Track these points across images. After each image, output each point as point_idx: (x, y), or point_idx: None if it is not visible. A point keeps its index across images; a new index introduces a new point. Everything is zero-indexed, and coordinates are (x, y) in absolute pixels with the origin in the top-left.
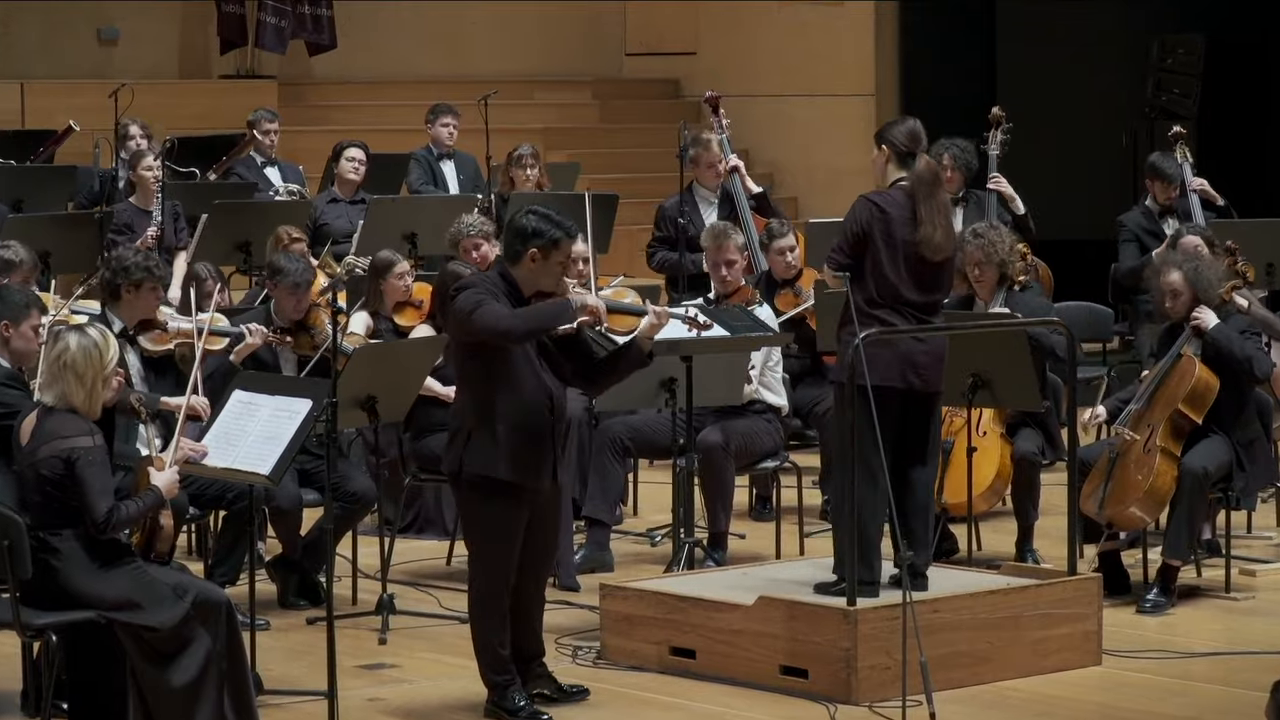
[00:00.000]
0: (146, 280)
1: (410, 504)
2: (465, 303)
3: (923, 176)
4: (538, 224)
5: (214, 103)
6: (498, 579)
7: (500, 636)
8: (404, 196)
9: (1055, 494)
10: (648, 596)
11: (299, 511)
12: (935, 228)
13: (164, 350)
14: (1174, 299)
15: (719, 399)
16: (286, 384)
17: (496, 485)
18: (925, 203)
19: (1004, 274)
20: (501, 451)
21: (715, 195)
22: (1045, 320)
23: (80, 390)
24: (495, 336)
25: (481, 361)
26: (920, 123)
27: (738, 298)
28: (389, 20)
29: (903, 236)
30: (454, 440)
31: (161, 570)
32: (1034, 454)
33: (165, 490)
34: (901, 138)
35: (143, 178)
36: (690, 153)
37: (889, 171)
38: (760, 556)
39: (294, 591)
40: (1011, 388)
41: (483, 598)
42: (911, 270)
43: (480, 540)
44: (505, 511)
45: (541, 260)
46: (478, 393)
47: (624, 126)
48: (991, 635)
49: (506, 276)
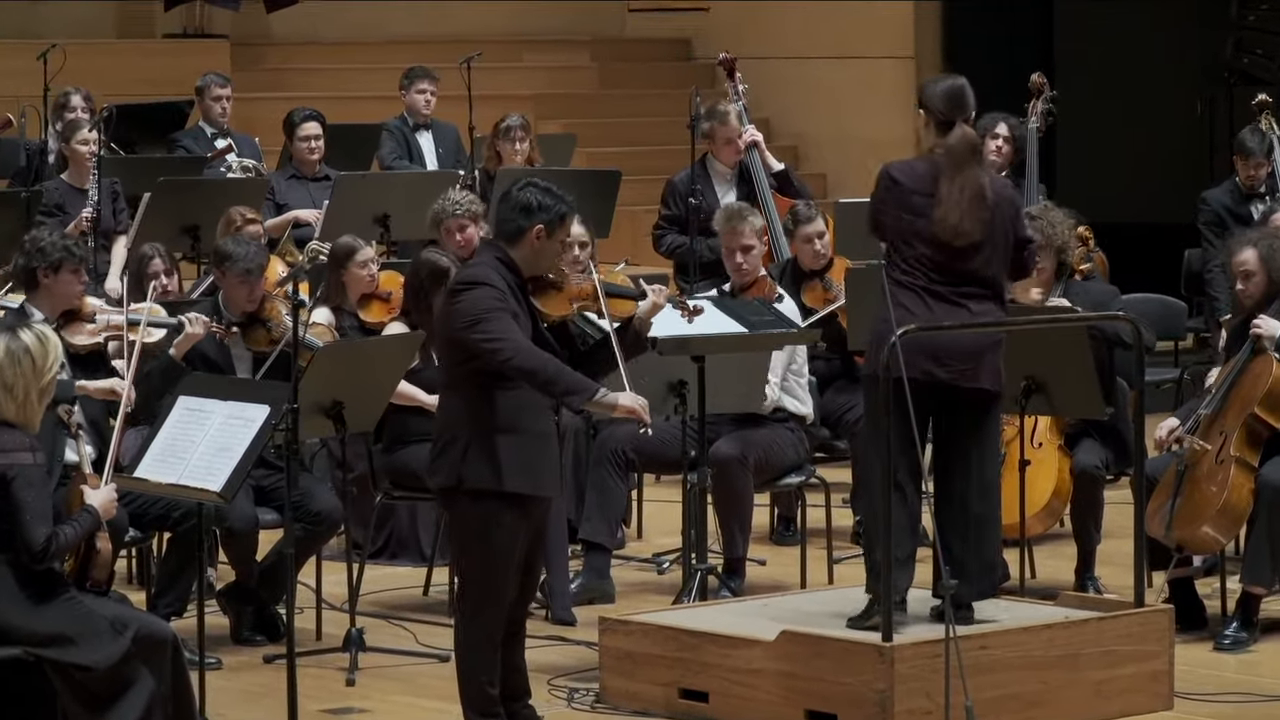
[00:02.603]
0: (66, 262)
1: (381, 526)
2: (471, 309)
3: (953, 149)
4: (542, 198)
5: (157, 65)
6: (497, 606)
7: (492, 674)
8: (375, 173)
9: (1120, 514)
10: (654, 631)
11: (255, 533)
12: (954, 209)
13: (92, 345)
14: (1246, 280)
15: (735, 405)
16: (240, 387)
17: (503, 499)
18: (949, 179)
19: (1062, 262)
20: (508, 460)
21: (732, 173)
22: (1107, 315)
23: (10, 403)
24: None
25: (478, 362)
26: (966, 84)
27: (756, 290)
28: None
29: (921, 213)
30: (446, 450)
31: (98, 601)
32: (1097, 468)
33: (102, 510)
34: (939, 102)
35: (77, 152)
36: (705, 126)
37: (926, 139)
38: (783, 585)
39: (249, 625)
40: (1070, 392)
41: (478, 628)
42: (936, 252)
43: (480, 562)
44: (511, 528)
45: (545, 239)
46: (473, 396)
47: (626, 93)
48: (1047, 675)
49: (505, 259)
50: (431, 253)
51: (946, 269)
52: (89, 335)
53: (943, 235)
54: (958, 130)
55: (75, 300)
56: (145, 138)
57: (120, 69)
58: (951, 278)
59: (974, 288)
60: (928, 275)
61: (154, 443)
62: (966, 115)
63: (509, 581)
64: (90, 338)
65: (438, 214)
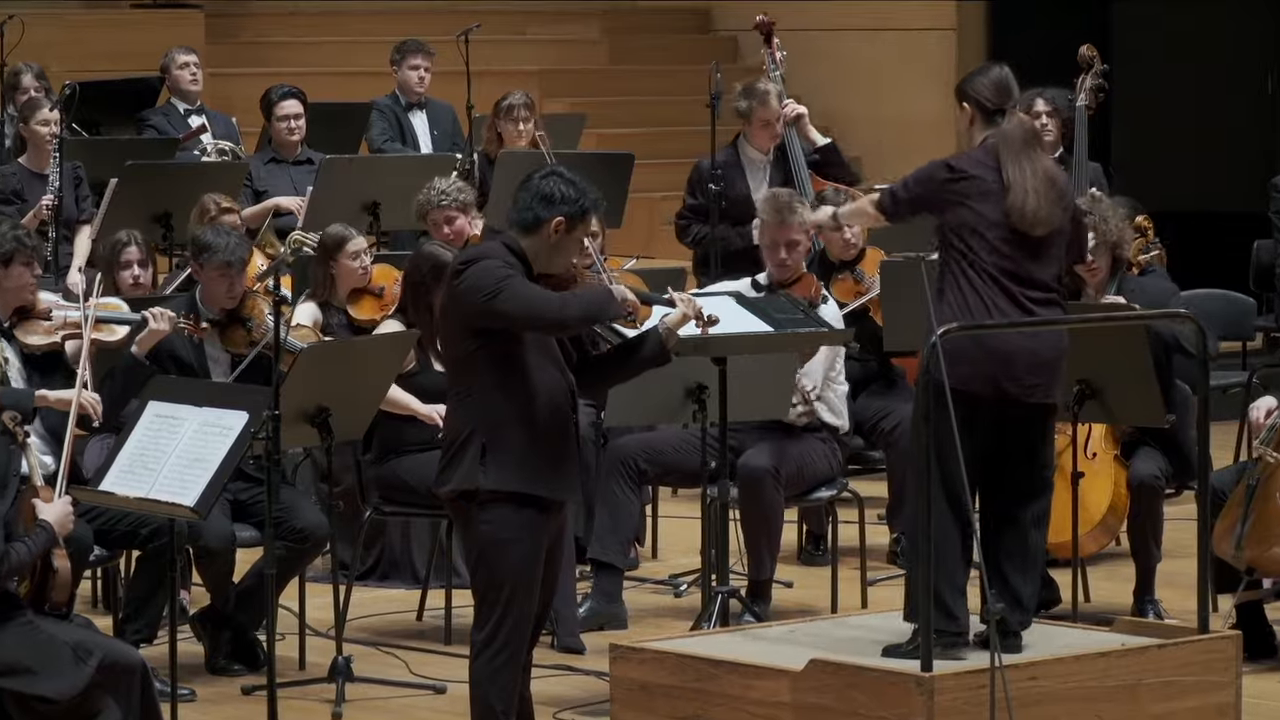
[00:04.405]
0: (17, 254)
1: (371, 544)
2: (483, 280)
3: (1010, 135)
4: (566, 189)
5: (124, 38)
6: (521, 625)
7: (510, 706)
8: (364, 156)
9: (1182, 531)
10: (670, 660)
11: (232, 553)
12: (1027, 192)
13: (48, 345)
14: None
15: (762, 411)
16: (216, 392)
17: (524, 503)
18: (1014, 162)
19: (1118, 256)
20: (528, 460)
21: (767, 159)
22: (1167, 313)
23: None
24: (543, 326)
25: (492, 356)
26: (1010, 71)
27: (799, 289)
28: None
29: (991, 205)
30: (459, 454)
31: (59, 626)
32: (1155, 478)
33: (57, 525)
34: (987, 92)
35: (36, 133)
36: (741, 105)
37: (974, 134)
38: (812, 610)
39: (226, 653)
40: (1128, 398)
41: (499, 651)
42: (1008, 246)
43: (501, 576)
44: (534, 535)
45: (564, 233)
46: (489, 394)
47: (640, 68)
48: (1103, 708)
49: (515, 249)
50: (434, 245)
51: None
52: (44, 334)
53: (1020, 224)
54: (1011, 118)
55: (28, 296)
56: (111, 117)
57: (84, 42)
58: (1019, 278)
59: (1038, 292)
60: (994, 275)
61: (121, 453)
62: (1015, 103)
63: (533, 597)
64: (46, 337)
65: (423, 205)
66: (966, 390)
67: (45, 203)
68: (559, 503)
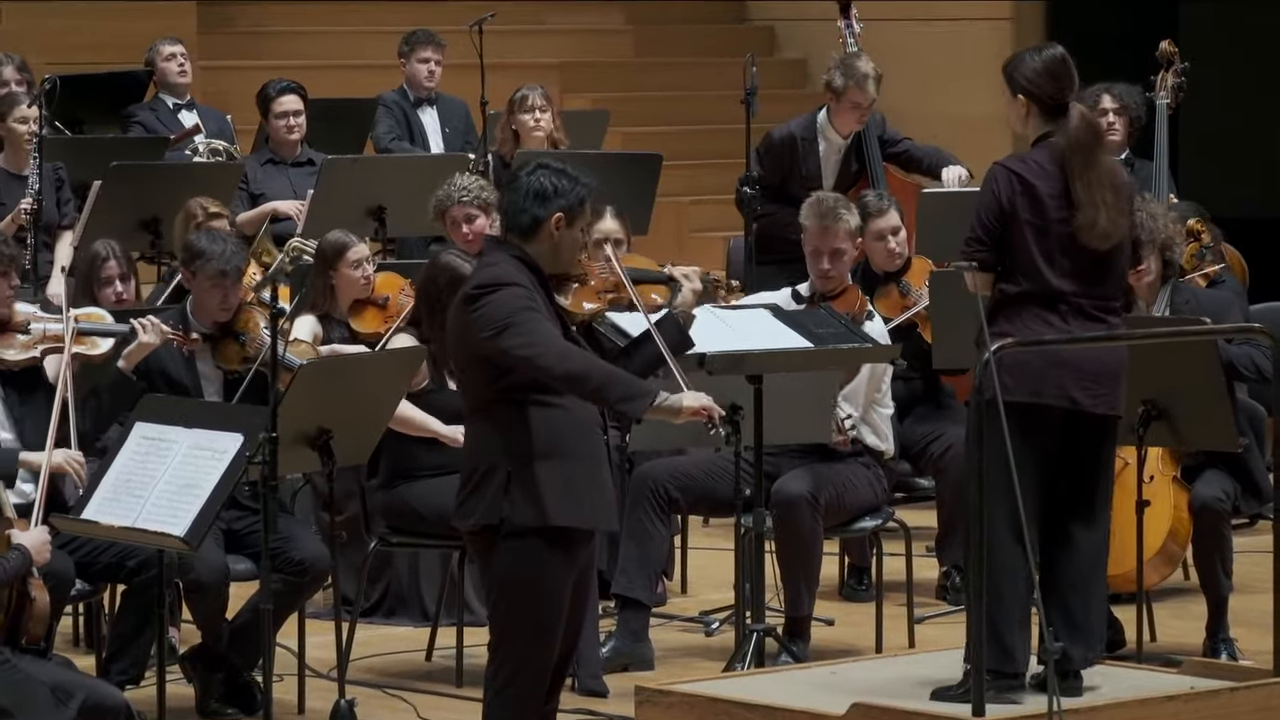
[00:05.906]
0: None
1: (376, 578)
2: (497, 313)
3: (1077, 139)
4: (557, 181)
5: (110, 29)
6: (542, 669)
7: None
8: (368, 156)
9: (1256, 564)
10: (700, 704)
11: (225, 586)
12: (1098, 208)
13: (26, 360)
14: None
15: (800, 434)
16: (208, 412)
17: (551, 536)
18: (1082, 175)
19: (1168, 260)
20: (555, 491)
21: (845, 143)
22: (1241, 327)
23: None
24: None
25: (515, 378)
26: (1065, 52)
27: (843, 303)
28: None
29: (1055, 215)
30: (482, 486)
31: (37, 665)
32: (1219, 500)
33: (34, 551)
34: (1041, 80)
35: (14, 131)
36: (836, 81)
37: (1030, 126)
38: (854, 650)
39: (218, 695)
40: (1197, 419)
41: (520, 698)
42: (1069, 258)
43: (525, 614)
44: (560, 571)
45: (565, 229)
46: (508, 420)
47: (669, 61)
48: None
49: (523, 257)
50: (451, 255)
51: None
52: (21, 349)
53: (1089, 241)
54: (1074, 113)
55: (4, 308)
56: (95, 114)
57: (66, 32)
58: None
59: (1101, 302)
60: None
61: (105, 478)
62: (1075, 89)
63: (558, 636)
64: (23, 351)
65: (442, 201)
66: (1036, 403)
67: (24, 207)
68: (586, 535)
